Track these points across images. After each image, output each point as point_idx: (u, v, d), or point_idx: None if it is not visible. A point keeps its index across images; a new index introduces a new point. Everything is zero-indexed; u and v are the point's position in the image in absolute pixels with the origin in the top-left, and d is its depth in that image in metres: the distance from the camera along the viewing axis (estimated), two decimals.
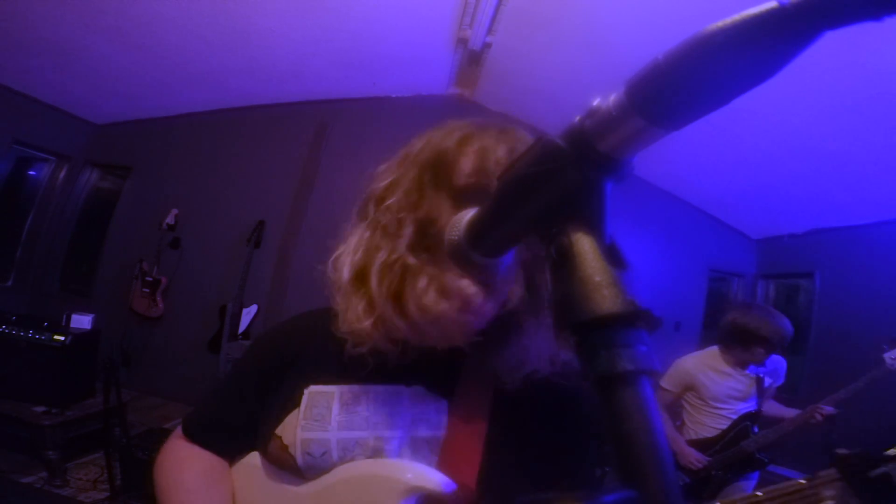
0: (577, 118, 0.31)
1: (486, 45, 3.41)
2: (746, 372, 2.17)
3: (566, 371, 0.56)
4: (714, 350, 2.28)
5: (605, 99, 0.29)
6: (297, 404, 0.59)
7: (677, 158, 3.87)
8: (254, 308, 4.11)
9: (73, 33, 3.20)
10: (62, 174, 4.54)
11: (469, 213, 0.41)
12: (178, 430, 0.73)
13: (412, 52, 3.65)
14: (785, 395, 2.67)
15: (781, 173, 3.60)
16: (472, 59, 3.68)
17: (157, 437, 2.47)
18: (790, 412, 2.22)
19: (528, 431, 0.57)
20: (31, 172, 4.61)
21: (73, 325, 2.87)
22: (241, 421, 0.66)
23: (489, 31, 3.18)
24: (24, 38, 3.21)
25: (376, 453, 0.55)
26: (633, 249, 0.30)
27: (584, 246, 0.30)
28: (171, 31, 3.23)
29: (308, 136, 4.38)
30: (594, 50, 2.96)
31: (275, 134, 4.43)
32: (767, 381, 2.21)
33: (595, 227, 0.31)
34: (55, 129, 4.32)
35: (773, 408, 2.28)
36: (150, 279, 4.13)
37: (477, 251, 0.40)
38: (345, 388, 0.59)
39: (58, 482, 2.46)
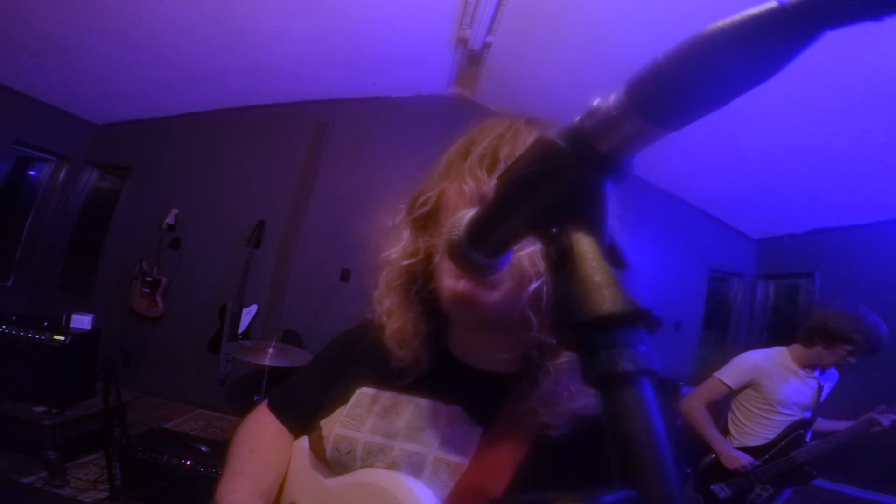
0: (578, 118, 0.31)
1: (486, 45, 3.41)
2: (815, 375, 2.08)
3: None
4: (783, 350, 2.17)
5: (605, 99, 0.29)
6: (346, 401, 0.62)
7: (677, 158, 3.87)
8: (254, 308, 4.12)
9: (73, 33, 3.20)
10: (62, 174, 4.54)
11: (469, 213, 0.41)
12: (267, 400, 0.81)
13: (412, 52, 3.65)
14: None
15: (781, 173, 3.60)
16: (472, 59, 3.68)
17: (157, 437, 2.47)
18: (841, 425, 2.11)
19: (561, 482, 0.50)
20: (31, 172, 4.61)
21: (73, 325, 2.87)
22: (305, 405, 0.71)
23: (489, 31, 3.18)
24: (24, 38, 3.21)
25: (395, 465, 0.55)
26: (633, 249, 0.30)
27: (584, 246, 0.30)
28: (171, 31, 3.23)
29: (308, 136, 4.38)
30: (594, 50, 2.95)
31: (275, 134, 4.43)
32: (826, 391, 2.11)
33: (595, 227, 0.31)
34: (55, 129, 4.32)
35: (820, 423, 2.16)
36: (150, 279, 4.13)
37: (477, 251, 0.40)
38: (388, 394, 0.61)
39: (58, 482, 2.46)
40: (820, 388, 2.08)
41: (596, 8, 2.67)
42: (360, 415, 0.60)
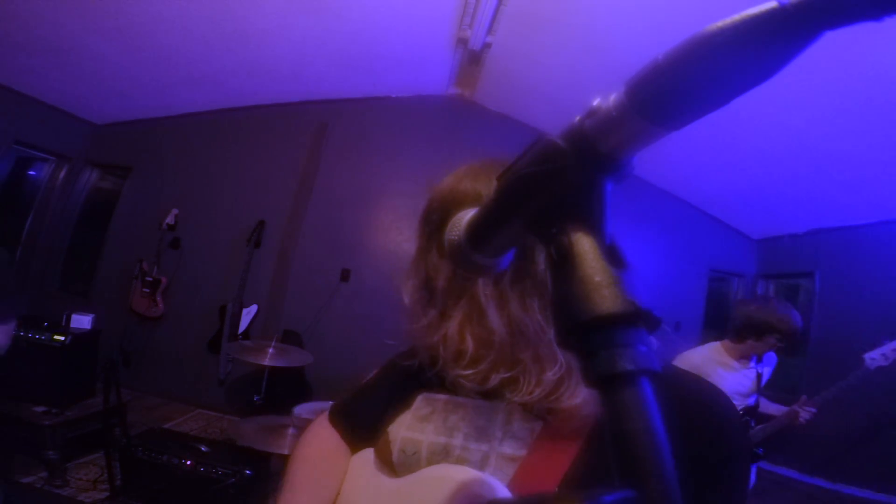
0: (577, 118, 0.31)
1: (486, 45, 3.41)
2: (751, 366, 2.20)
3: (688, 398, 0.52)
4: (716, 345, 2.29)
5: (605, 99, 0.29)
6: (409, 406, 0.65)
7: (677, 158, 3.87)
8: (254, 308, 4.12)
9: (73, 33, 3.20)
10: (62, 174, 4.54)
11: (469, 213, 0.42)
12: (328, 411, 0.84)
13: (412, 52, 3.65)
14: (785, 394, 2.68)
15: (781, 173, 3.61)
16: (472, 59, 3.69)
17: (157, 437, 2.47)
18: (778, 408, 2.27)
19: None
20: (31, 172, 4.62)
21: (73, 325, 2.87)
22: (368, 417, 0.72)
23: (489, 31, 3.18)
24: (24, 38, 3.21)
25: (460, 461, 0.57)
26: (633, 249, 0.30)
27: (584, 246, 0.30)
28: (171, 31, 3.23)
29: (308, 136, 4.38)
30: (594, 50, 2.96)
31: (275, 134, 4.43)
32: (765, 377, 2.24)
33: (595, 227, 0.31)
34: (55, 129, 4.32)
35: (764, 405, 2.30)
36: (150, 279, 4.14)
37: (477, 251, 0.40)
38: (448, 397, 0.63)
39: (58, 482, 2.46)
40: (759, 376, 2.20)
41: (596, 8, 2.68)
42: (423, 417, 0.63)
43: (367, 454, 0.70)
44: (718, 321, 4.80)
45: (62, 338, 2.65)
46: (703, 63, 0.25)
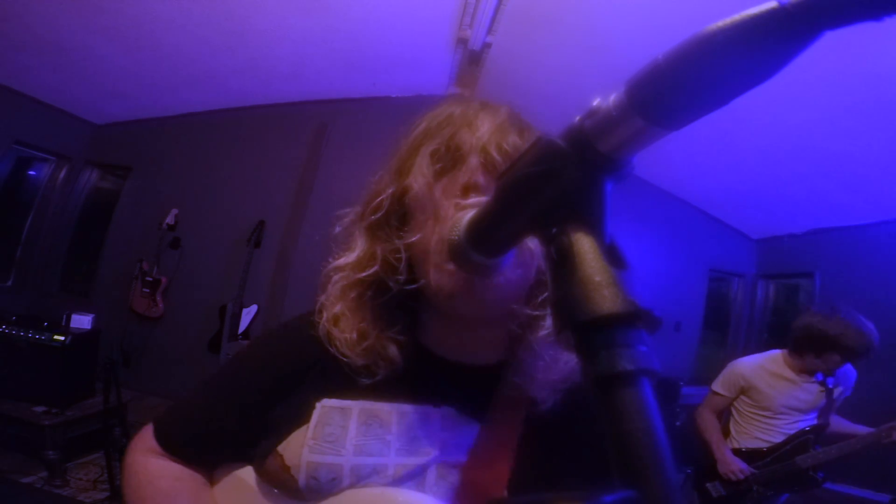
0: (578, 118, 0.31)
1: (486, 45, 3.41)
2: (814, 379, 1.99)
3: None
4: (776, 354, 2.12)
5: (605, 99, 0.29)
6: (306, 419, 0.52)
7: (677, 158, 3.87)
8: (254, 308, 4.12)
9: (73, 33, 3.20)
10: (62, 174, 4.53)
11: (469, 213, 0.42)
12: (143, 442, 0.59)
13: (412, 52, 3.65)
14: None
15: (781, 173, 3.60)
16: (472, 59, 3.68)
17: None
18: (858, 429, 2.02)
19: (559, 459, 0.51)
20: (31, 172, 4.61)
21: (73, 325, 2.87)
22: (235, 430, 0.57)
23: (489, 31, 3.18)
24: (24, 38, 3.21)
25: (397, 482, 0.49)
26: (633, 249, 0.30)
27: (584, 246, 0.30)
28: (171, 31, 3.23)
29: (308, 136, 4.38)
30: (594, 50, 2.96)
31: (275, 134, 4.43)
32: (837, 392, 2.02)
33: (595, 227, 0.31)
34: (55, 129, 4.32)
35: (837, 424, 2.08)
36: (150, 279, 4.13)
37: (477, 251, 0.40)
38: (366, 404, 0.53)
39: (58, 482, 2.46)
40: (828, 391, 2.00)
41: (596, 8, 2.67)
42: (333, 434, 0.51)
43: (243, 475, 0.56)
44: (718, 321, 4.81)
45: (62, 338, 2.64)
46: (703, 63, 0.25)
